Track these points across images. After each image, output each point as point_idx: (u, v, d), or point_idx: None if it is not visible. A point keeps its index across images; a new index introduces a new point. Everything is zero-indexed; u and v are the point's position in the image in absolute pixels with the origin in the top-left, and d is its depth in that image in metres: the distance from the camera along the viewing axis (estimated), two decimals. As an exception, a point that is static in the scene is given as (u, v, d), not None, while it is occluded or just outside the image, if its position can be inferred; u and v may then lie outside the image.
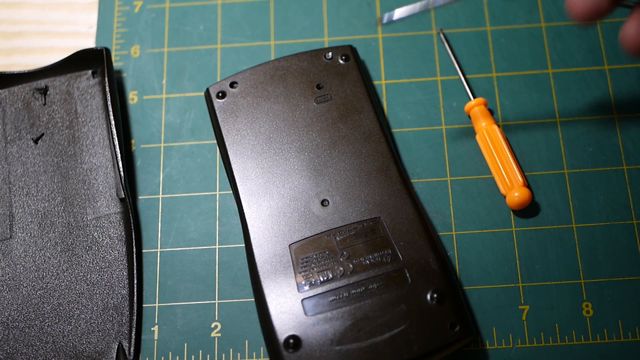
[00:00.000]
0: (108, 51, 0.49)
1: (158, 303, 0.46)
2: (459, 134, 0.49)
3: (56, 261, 0.46)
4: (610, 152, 0.48)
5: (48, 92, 0.49)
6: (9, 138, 0.49)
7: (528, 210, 0.47)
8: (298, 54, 0.49)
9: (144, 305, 0.46)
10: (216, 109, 0.48)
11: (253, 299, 0.45)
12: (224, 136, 0.47)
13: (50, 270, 0.46)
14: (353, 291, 0.42)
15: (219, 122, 0.47)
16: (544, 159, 0.48)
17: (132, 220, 0.46)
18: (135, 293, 0.45)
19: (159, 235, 0.47)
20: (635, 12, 0.39)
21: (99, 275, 0.45)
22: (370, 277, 0.43)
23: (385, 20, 0.43)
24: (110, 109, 0.48)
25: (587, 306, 0.45)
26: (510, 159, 0.47)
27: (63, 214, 0.47)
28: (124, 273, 0.45)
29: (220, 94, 0.48)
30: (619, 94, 0.49)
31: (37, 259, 0.46)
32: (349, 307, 0.42)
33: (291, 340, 0.41)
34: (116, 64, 0.51)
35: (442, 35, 0.51)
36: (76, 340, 0.44)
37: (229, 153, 0.46)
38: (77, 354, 0.44)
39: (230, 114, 0.47)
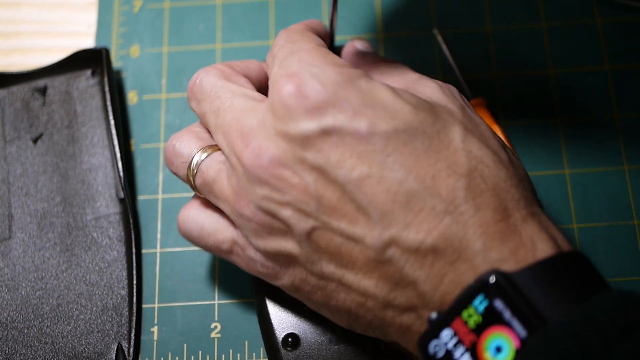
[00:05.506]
0: (107, 51, 0.49)
1: (157, 304, 0.45)
2: (459, 134, 0.49)
3: (55, 261, 0.46)
4: (610, 152, 0.48)
5: (47, 92, 0.49)
6: (8, 138, 0.48)
7: (528, 211, 0.47)
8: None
9: (143, 305, 0.45)
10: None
11: (253, 300, 0.45)
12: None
13: (49, 271, 0.45)
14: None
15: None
16: (544, 159, 0.48)
17: (131, 220, 0.46)
18: (135, 293, 0.45)
19: (159, 236, 0.47)
20: None
21: (98, 275, 0.45)
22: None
23: None
24: (109, 109, 0.48)
25: (588, 306, 0.45)
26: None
27: (62, 214, 0.47)
28: (124, 273, 0.45)
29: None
30: (619, 94, 0.49)
31: (36, 259, 0.46)
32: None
33: (290, 339, 0.41)
34: (115, 64, 0.51)
35: (439, 36, 0.51)
36: (75, 340, 0.44)
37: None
38: (76, 355, 0.43)
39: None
